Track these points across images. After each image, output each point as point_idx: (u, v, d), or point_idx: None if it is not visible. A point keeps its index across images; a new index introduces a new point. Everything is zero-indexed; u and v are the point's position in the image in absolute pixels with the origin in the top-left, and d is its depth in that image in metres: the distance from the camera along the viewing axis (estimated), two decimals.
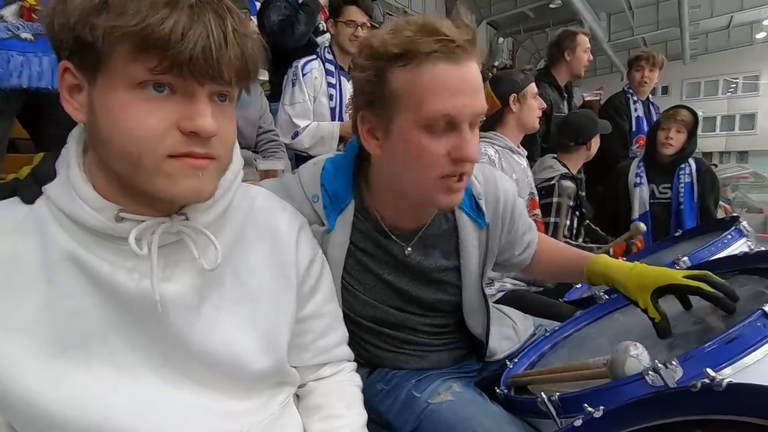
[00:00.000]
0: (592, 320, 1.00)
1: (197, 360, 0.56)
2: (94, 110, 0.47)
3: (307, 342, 0.69)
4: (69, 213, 0.50)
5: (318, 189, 0.80)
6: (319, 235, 0.78)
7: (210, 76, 0.46)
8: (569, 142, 1.98)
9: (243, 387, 0.61)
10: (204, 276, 0.56)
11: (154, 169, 0.47)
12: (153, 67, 0.44)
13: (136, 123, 0.45)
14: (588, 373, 0.67)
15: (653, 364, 0.57)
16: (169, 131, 0.47)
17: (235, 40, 0.46)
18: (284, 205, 0.70)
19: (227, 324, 0.58)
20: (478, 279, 0.87)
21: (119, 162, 0.48)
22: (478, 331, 0.92)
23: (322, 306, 0.71)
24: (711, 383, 0.44)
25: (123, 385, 0.52)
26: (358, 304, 0.85)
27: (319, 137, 1.88)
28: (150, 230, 0.51)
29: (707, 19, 12.26)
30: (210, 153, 0.49)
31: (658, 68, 2.73)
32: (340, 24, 1.89)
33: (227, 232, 0.59)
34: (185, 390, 0.56)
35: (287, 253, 0.65)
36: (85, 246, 0.50)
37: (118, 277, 0.51)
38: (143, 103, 0.46)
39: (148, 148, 0.46)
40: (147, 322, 0.53)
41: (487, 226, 0.85)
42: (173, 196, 0.49)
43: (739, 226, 1.19)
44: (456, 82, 0.65)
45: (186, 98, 0.47)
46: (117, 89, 0.45)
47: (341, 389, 0.72)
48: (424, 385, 0.86)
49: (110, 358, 0.52)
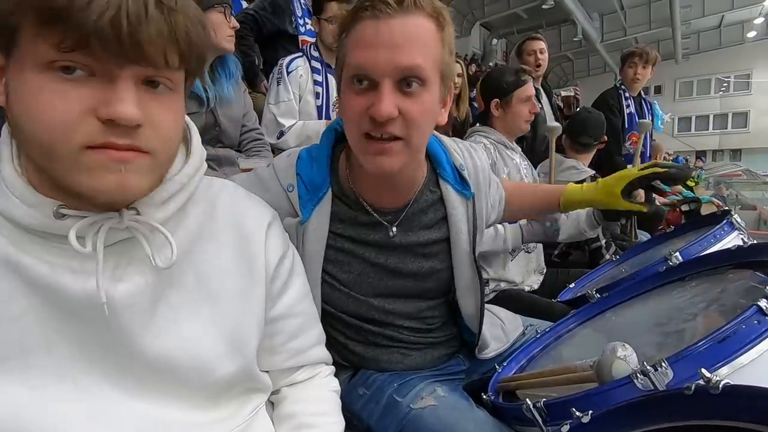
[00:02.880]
0: (584, 320, 0.96)
1: (154, 366, 0.52)
2: (7, 93, 0.43)
3: (279, 343, 0.65)
4: (2, 211, 0.45)
5: (293, 178, 0.77)
6: (293, 226, 0.75)
7: (128, 56, 0.41)
8: (592, 141, 1.96)
9: (208, 395, 0.57)
10: (159, 275, 0.52)
11: (71, 162, 0.42)
12: (57, 43, 0.39)
13: (45, 108, 0.41)
14: (575, 376, 0.64)
15: (642, 366, 0.53)
16: (84, 119, 0.42)
17: (159, 14, 0.41)
18: (252, 199, 0.66)
19: (187, 326, 0.54)
20: (470, 252, 0.84)
21: (34, 152, 0.43)
22: (470, 312, 0.88)
23: (294, 305, 0.66)
24: (706, 385, 0.40)
25: (69, 397, 0.48)
26: (340, 299, 0.82)
27: (305, 136, 1.84)
28: (95, 227, 0.47)
29: (699, 19, 12.40)
30: (135, 145, 0.44)
31: (651, 65, 2.72)
32: (324, 21, 1.86)
33: (186, 228, 0.55)
34: (141, 400, 0.52)
35: (255, 249, 0.61)
36: (20, 246, 0.46)
37: (61, 278, 0.46)
38: (52, 86, 0.41)
39: (61, 136, 0.41)
40: (95, 327, 0.49)
41: (472, 196, 0.84)
42: (94, 191, 0.44)
43: (731, 220, 1.16)
44: (371, 36, 0.64)
45: (105, 82, 0.42)
46: (25, 70, 0.41)
47: (316, 395, 0.68)
48: (407, 389, 0.82)
49: (54, 369, 0.48)
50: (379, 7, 0.63)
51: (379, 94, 0.64)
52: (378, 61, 0.63)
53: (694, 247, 1.09)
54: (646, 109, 2.91)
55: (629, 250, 1.70)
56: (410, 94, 0.65)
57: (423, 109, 0.67)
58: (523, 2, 10.69)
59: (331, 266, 0.80)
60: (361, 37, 0.65)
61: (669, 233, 1.49)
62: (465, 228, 0.83)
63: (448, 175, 0.82)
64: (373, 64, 0.64)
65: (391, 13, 0.63)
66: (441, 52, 0.67)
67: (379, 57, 0.63)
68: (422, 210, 0.82)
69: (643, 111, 2.87)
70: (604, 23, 12.52)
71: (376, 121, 0.65)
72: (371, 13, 0.64)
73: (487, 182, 0.90)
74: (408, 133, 0.67)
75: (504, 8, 11.02)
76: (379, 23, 0.63)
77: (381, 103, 0.63)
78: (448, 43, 0.68)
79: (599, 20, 12.31)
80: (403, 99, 0.65)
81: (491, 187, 0.94)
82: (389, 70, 0.64)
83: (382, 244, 0.81)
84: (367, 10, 0.64)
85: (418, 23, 0.65)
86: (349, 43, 0.67)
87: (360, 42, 0.65)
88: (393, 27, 0.63)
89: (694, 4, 11.54)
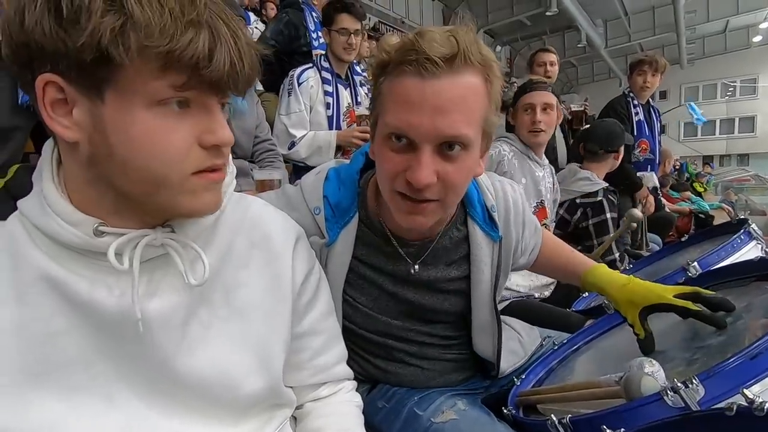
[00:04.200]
0: (603, 332, 0.95)
1: (184, 383, 0.52)
2: (103, 130, 0.43)
3: (305, 360, 0.65)
4: (43, 228, 0.46)
5: (320, 200, 0.77)
6: (318, 247, 0.75)
7: (227, 91, 0.46)
8: (598, 149, 1.91)
9: (235, 412, 0.57)
10: (191, 292, 0.53)
11: (179, 188, 0.46)
12: (180, 84, 0.43)
13: (162, 143, 0.44)
14: (600, 392, 0.63)
15: (672, 383, 0.53)
16: (192, 148, 0.46)
17: (248, 53, 0.46)
18: (280, 215, 0.66)
19: (217, 343, 0.55)
20: (490, 294, 0.82)
21: (138, 183, 0.45)
22: (487, 354, 0.86)
23: (320, 321, 0.67)
24: (749, 407, 0.39)
25: (104, 413, 0.49)
26: (360, 317, 0.82)
27: (316, 147, 1.86)
28: (132, 244, 0.48)
29: (703, 24, 12.36)
30: (225, 163, 0.50)
31: (660, 73, 2.71)
32: (334, 32, 1.88)
33: (216, 244, 0.56)
34: (173, 418, 0.52)
35: (282, 266, 0.61)
36: (61, 263, 0.47)
37: (97, 294, 0.47)
38: (163, 121, 0.44)
39: (175, 168, 0.45)
40: (129, 344, 0.49)
41: (500, 239, 0.81)
42: (193, 211, 0.49)
43: (749, 229, 1.15)
44: (415, 98, 0.59)
45: (202, 111, 0.46)
46: (134, 107, 0.42)
47: (340, 411, 0.68)
48: (427, 403, 0.81)
49: (90, 385, 0.48)
50: (425, 65, 0.57)
51: (417, 159, 0.60)
52: (421, 127, 0.59)
53: (712, 257, 1.08)
54: (655, 116, 2.89)
55: (642, 260, 1.68)
56: (451, 158, 0.62)
57: (462, 172, 0.64)
58: (526, 9, 10.74)
59: (350, 289, 0.80)
60: (403, 95, 0.60)
61: (683, 242, 1.48)
62: (488, 269, 0.80)
63: (477, 215, 0.79)
64: (416, 129, 0.60)
65: (438, 74, 0.58)
66: (487, 110, 0.63)
67: (422, 122, 0.59)
68: (446, 247, 0.79)
69: (652, 118, 2.85)
70: (608, 29, 12.54)
71: (412, 186, 0.62)
72: (416, 70, 0.58)
73: (521, 225, 0.85)
74: (445, 195, 0.64)
75: (507, 15, 11.07)
76: (424, 85, 0.58)
77: (420, 171, 0.60)
78: (494, 98, 0.64)
79: (603, 26, 12.33)
80: (443, 163, 0.62)
81: (526, 230, 0.88)
82: (432, 137, 0.60)
83: (402, 277, 0.79)
84: (411, 65, 0.59)
85: (467, 84, 0.60)
86: (388, 95, 0.63)
87: (402, 100, 0.60)
88: (440, 90, 0.58)
89: (699, 9, 11.53)
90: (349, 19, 1.86)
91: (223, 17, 0.44)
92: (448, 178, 0.62)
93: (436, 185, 0.62)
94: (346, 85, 1.98)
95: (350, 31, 1.86)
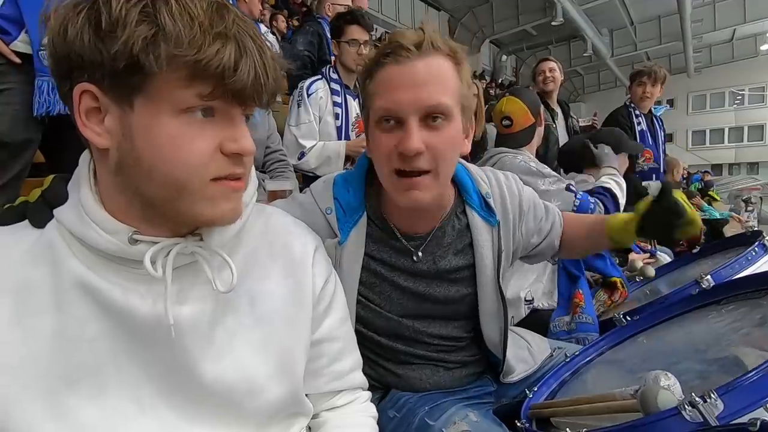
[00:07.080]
0: (615, 344, 0.95)
1: (210, 389, 0.53)
2: (131, 136, 0.45)
3: (322, 366, 0.66)
4: (81, 236, 0.48)
5: (331, 201, 0.82)
6: (332, 247, 0.78)
7: (251, 100, 0.48)
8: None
9: (258, 419, 0.58)
10: (217, 300, 0.54)
11: (199, 194, 0.47)
12: (206, 94, 0.45)
13: (186, 149, 0.45)
14: (616, 405, 0.63)
15: (689, 397, 0.52)
16: (214, 155, 0.47)
17: (272, 66, 0.48)
18: (299, 225, 0.68)
19: (241, 350, 0.56)
20: (494, 278, 0.85)
21: (161, 188, 0.46)
22: (494, 340, 0.89)
23: (336, 327, 0.68)
24: None
25: (134, 419, 0.50)
26: (371, 317, 0.84)
27: (326, 157, 1.87)
28: (164, 251, 0.49)
29: (710, 33, 12.32)
30: (245, 173, 0.51)
31: (660, 83, 2.71)
32: (343, 44, 1.91)
33: (241, 253, 0.58)
34: (197, 424, 0.53)
35: (302, 274, 0.63)
36: (96, 271, 0.49)
37: (131, 301, 0.49)
38: (188, 128, 0.45)
39: (197, 173, 0.46)
40: (160, 350, 0.51)
41: (497, 223, 0.85)
42: (212, 219, 0.50)
43: (764, 242, 1.14)
44: (396, 79, 0.69)
45: (226, 120, 0.48)
46: (161, 114, 0.44)
47: (356, 421, 0.68)
48: (438, 413, 0.81)
49: (121, 390, 0.50)
50: (399, 52, 0.68)
51: (406, 131, 0.69)
52: (403, 101, 0.68)
53: (726, 270, 1.07)
54: (658, 125, 2.89)
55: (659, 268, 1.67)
56: (435, 128, 0.70)
57: (448, 141, 0.71)
58: (532, 19, 10.80)
59: (364, 289, 0.82)
60: (385, 81, 0.70)
61: (694, 254, 1.47)
62: (490, 254, 0.85)
63: (474, 202, 0.85)
64: (399, 104, 0.69)
65: (411, 57, 0.68)
66: (460, 87, 0.72)
67: (404, 97, 0.68)
68: (448, 236, 0.84)
69: (655, 127, 2.85)
70: (613, 38, 12.57)
71: (405, 157, 0.69)
72: (393, 59, 0.69)
73: (517, 208, 0.89)
74: (435, 165, 0.71)
75: (513, 25, 11.14)
76: (401, 67, 0.69)
77: (409, 139, 0.68)
78: (465, 78, 0.73)
79: (609, 35, 12.36)
80: (428, 134, 0.69)
81: (529, 213, 0.92)
82: (414, 108, 0.68)
83: (409, 270, 0.83)
84: (388, 56, 0.69)
85: (437, 63, 0.70)
86: (374, 88, 0.72)
87: (385, 85, 0.70)
88: (414, 69, 0.68)
89: (706, 18, 11.51)
90: (359, 31, 1.89)
91: (250, 32, 0.46)
92: (435, 148, 0.70)
93: (426, 154, 0.70)
94: (355, 95, 2.01)
95: (360, 42, 1.89)
